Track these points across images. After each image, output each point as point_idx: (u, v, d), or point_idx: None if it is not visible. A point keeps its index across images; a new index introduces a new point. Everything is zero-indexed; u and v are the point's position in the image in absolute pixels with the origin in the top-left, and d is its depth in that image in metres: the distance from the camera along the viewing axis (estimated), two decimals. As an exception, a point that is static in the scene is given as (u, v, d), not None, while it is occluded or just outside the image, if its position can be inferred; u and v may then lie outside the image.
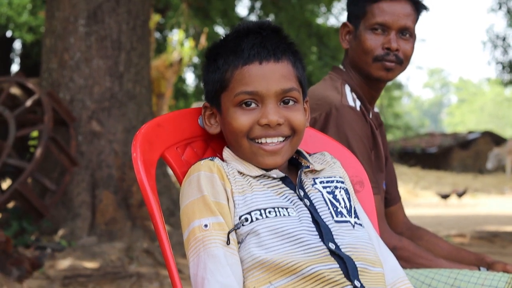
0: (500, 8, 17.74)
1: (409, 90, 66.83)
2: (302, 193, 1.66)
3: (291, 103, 1.66)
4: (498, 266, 2.30)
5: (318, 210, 1.65)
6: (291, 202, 1.63)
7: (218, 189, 1.59)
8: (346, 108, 2.28)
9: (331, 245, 1.58)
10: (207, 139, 1.80)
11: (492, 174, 26.18)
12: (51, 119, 6.20)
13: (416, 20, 2.40)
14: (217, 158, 1.67)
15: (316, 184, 1.70)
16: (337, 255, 1.57)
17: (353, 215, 1.69)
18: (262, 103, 1.64)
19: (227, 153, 1.71)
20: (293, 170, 1.72)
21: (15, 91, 6.81)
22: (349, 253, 1.59)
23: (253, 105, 1.64)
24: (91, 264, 5.68)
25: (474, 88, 77.89)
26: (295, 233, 1.57)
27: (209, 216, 1.56)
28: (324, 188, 1.70)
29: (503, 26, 30.79)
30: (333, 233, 1.61)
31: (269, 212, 1.58)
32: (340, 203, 1.69)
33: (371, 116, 2.41)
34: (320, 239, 1.58)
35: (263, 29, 1.67)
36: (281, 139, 1.65)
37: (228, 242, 1.54)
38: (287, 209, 1.61)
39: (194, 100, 19.53)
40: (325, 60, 19.02)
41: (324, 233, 1.60)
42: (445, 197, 16.14)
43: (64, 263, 5.66)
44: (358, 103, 2.35)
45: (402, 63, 2.37)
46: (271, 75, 1.63)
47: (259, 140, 1.64)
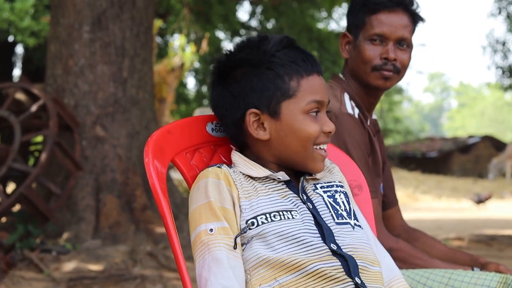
0: (499, 13, 17.82)
1: (410, 95, 66.63)
2: (305, 197, 1.76)
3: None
4: (491, 267, 2.38)
5: (320, 213, 1.74)
6: (295, 205, 1.72)
7: (224, 195, 1.68)
8: (345, 116, 2.37)
9: (332, 245, 1.67)
10: (215, 144, 1.89)
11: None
12: (56, 124, 6.23)
13: (413, 31, 2.49)
14: (224, 165, 1.75)
15: (317, 189, 1.80)
16: (339, 254, 1.67)
17: (352, 217, 1.79)
18: (321, 112, 1.76)
19: (236, 156, 1.79)
20: (294, 176, 1.81)
21: (20, 96, 6.84)
22: (350, 253, 1.69)
23: (316, 113, 1.75)
24: (95, 267, 5.71)
25: (474, 92, 77.67)
26: (298, 235, 1.66)
27: (215, 221, 1.65)
28: (324, 192, 1.79)
29: (503, 31, 30.87)
30: (334, 234, 1.71)
31: (274, 216, 1.68)
32: (340, 206, 1.79)
33: (369, 123, 2.49)
34: (322, 240, 1.68)
35: (294, 42, 1.79)
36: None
37: (235, 247, 1.63)
38: (291, 212, 1.70)
39: (196, 105, 19.54)
40: (325, 65, 19.08)
41: (326, 235, 1.69)
42: (479, 202, 15.10)
43: (69, 266, 5.69)
44: (356, 110, 2.44)
45: (399, 72, 2.45)
46: (324, 87, 1.77)
47: (321, 146, 1.76)
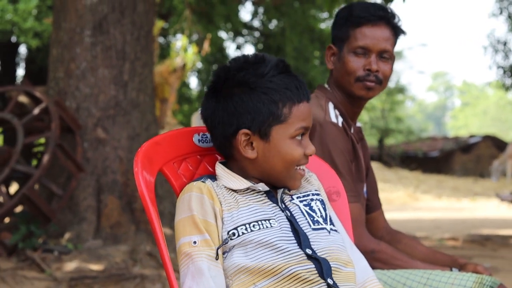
0: (501, 13, 17.89)
1: (413, 94, 66.57)
2: (283, 206, 1.88)
3: None
4: (469, 267, 2.48)
5: (298, 220, 1.86)
6: (274, 214, 1.85)
7: (206, 209, 1.81)
8: (329, 125, 2.48)
9: (308, 250, 1.79)
10: (201, 154, 2.00)
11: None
12: (58, 126, 6.31)
13: (395, 43, 2.60)
14: (209, 179, 1.87)
15: (293, 200, 1.92)
16: (314, 258, 1.79)
17: (328, 223, 1.91)
18: (305, 135, 1.89)
19: (219, 169, 1.90)
20: (272, 187, 1.92)
21: (23, 99, 6.92)
22: (325, 255, 1.81)
23: (301, 136, 1.88)
24: (96, 266, 5.79)
25: (477, 91, 77.52)
26: (275, 242, 1.78)
27: (197, 233, 1.78)
28: (300, 202, 1.92)
29: (504, 31, 30.90)
30: (310, 240, 1.83)
31: (253, 226, 1.80)
32: (316, 213, 1.91)
33: (352, 131, 2.60)
34: (298, 246, 1.80)
35: (288, 67, 1.90)
36: None
37: (217, 258, 1.77)
38: (269, 220, 1.82)
39: (198, 105, 19.54)
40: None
41: (302, 240, 1.81)
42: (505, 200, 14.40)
43: (70, 265, 5.77)
44: (340, 119, 2.55)
45: (381, 83, 2.56)
46: (311, 113, 1.90)
47: (301, 167, 1.89)
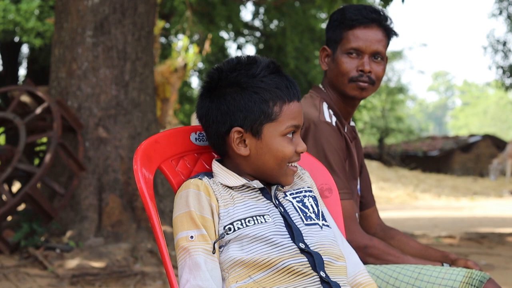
0: (500, 13, 17.95)
1: (414, 93, 66.62)
2: (277, 202, 1.96)
3: None
4: (460, 262, 2.55)
5: (291, 216, 1.94)
6: (268, 210, 1.92)
7: (203, 205, 1.88)
8: (323, 124, 2.55)
9: (301, 244, 1.87)
10: (198, 152, 2.07)
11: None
12: (60, 126, 6.37)
13: (387, 45, 2.67)
14: (205, 177, 1.94)
15: (286, 196, 1.99)
16: (307, 252, 1.86)
17: (321, 218, 1.98)
18: (296, 133, 1.95)
19: (216, 166, 1.98)
20: (267, 184, 2.00)
21: (25, 99, 7.01)
22: (317, 250, 1.88)
23: (292, 134, 1.95)
24: (98, 264, 5.85)
25: (478, 91, 77.45)
26: (270, 236, 1.86)
27: (194, 228, 1.85)
28: (293, 198, 1.99)
29: (503, 31, 30.92)
30: (303, 234, 1.90)
31: (249, 221, 1.87)
32: (309, 209, 1.98)
33: (346, 130, 2.67)
34: (291, 240, 1.87)
35: (280, 68, 1.96)
36: None
37: (213, 252, 1.84)
38: (264, 216, 1.90)
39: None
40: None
41: (296, 235, 1.89)
42: None
43: (72, 263, 5.83)
44: (334, 119, 2.62)
45: (374, 84, 2.63)
46: (301, 112, 1.97)
47: (293, 164, 1.96)
